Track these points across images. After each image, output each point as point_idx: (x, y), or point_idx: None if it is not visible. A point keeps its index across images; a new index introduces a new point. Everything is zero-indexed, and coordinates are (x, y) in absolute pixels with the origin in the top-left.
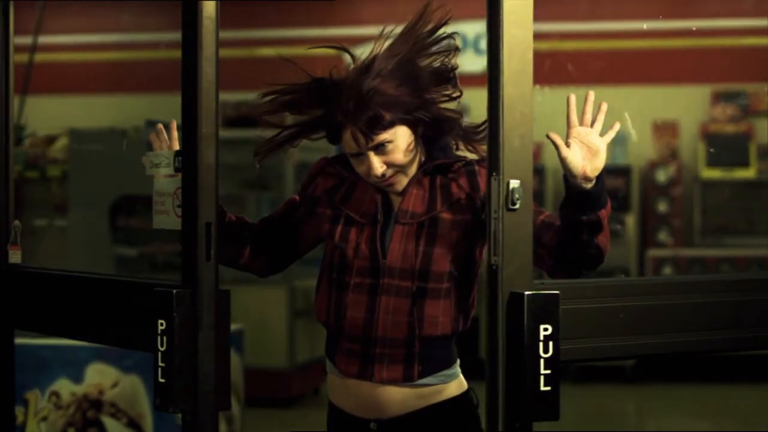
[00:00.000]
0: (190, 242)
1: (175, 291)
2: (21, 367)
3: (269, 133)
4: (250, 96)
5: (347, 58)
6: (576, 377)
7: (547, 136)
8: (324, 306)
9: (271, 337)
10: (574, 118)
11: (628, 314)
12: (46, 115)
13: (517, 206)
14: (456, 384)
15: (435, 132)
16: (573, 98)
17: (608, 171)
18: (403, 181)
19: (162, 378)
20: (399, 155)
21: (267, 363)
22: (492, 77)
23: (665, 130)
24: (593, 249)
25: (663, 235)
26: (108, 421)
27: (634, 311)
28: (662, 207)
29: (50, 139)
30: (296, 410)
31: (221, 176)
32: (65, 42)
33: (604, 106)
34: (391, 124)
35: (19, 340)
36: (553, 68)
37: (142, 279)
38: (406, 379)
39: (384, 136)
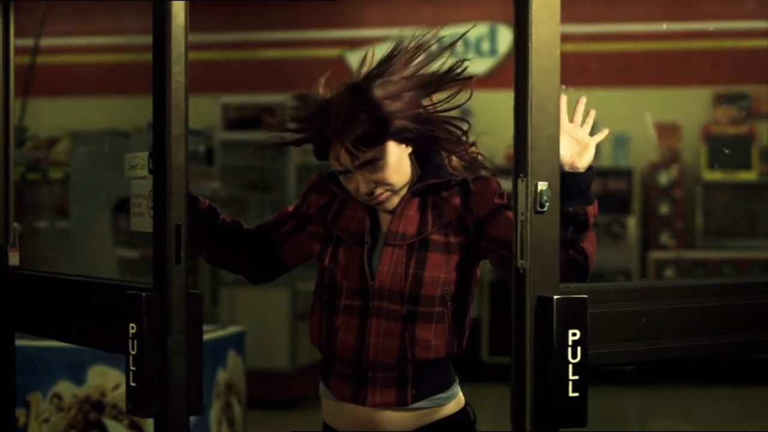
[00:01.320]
0: (161, 244)
1: (144, 294)
2: (22, 369)
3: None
4: (251, 98)
5: (349, 60)
6: None
7: None
8: (316, 328)
9: (272, 339)
10: (564, 117)
11: (650, 318)
12: (47, 118)
13: (545, 209)
14: (454, 403)
15: (429, 148)
16: (564, 99)
17: (610, 173)
18: (393, 200)
19: (133, 382)
20: (388, 173)
21: (269, 365)
22: (519, 77)
23: (667, 131)
24: (579, 254)
25: (665, 237)
26: (109, 423)
27: (657, 315)
28: (664, 209)
29: (52, 142)
30: (298, 412)
31: (225, 178)
32: (67, 44)
33: (593, 112)
34: (379, 141)
35: (20, 342)
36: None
37: (116, 281)
38: (399, 403)
39: (372, 153)
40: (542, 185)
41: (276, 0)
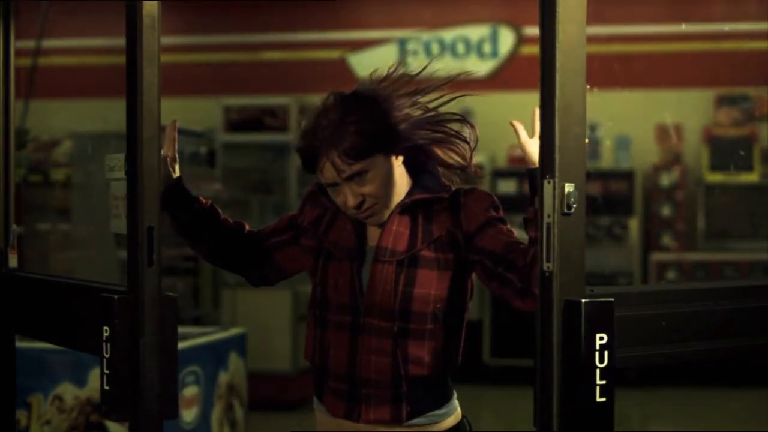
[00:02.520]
0: (134, 247)
1: (116, 297)
2: (24, 371)
3: (275, 137)
4: (253, 100)
5: (350, 62)
6: None
7: (511, 124)
8: (310, 344)
9: (274, 341)
10: (537, 127)
11: (671, 320)
12: (49, 119)
13: (572, 211)
14: (451, 419)
15: (421, 158)
16: (537, 111)
17: (611, 175)
18: (383, 214)
19: (107, 385)
20: (376, 186)
21: (270, 367)
22: (546, 77)
23: (669, 133)
24: None
25: (666, 239)
26: (111, 425)
27: (678, 317)
28: (666, 211)
29: (53, 143)
30: (299, 414)
31: (226, 180)
32: (68, 45)
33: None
34: (367, 154)
35: (21, 344)
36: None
37: (93, 283)
38: (394, 420)
39: (359, 166)
40: (569, 186)
41: (278, 2)
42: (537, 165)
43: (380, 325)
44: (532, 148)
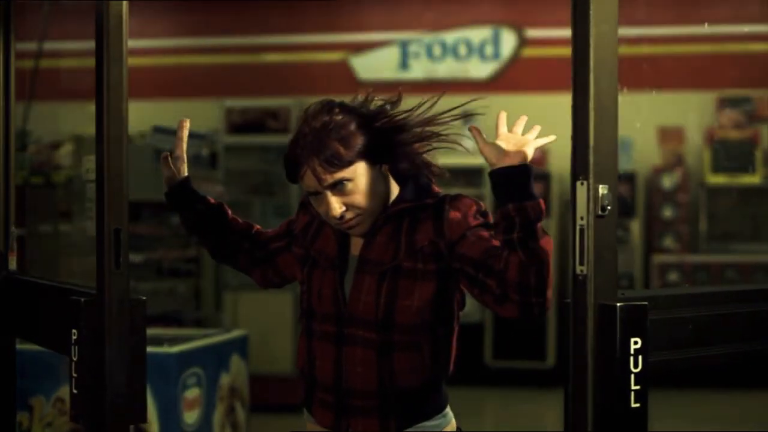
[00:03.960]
0: (100, 249)
1: (83, 300)
2: (26, 373)
3: (277, 139)
4: (255, 102)
5: (353, 64)
6: None
7: (469, 129)
8: (301, 353)
9: (276, 344)
10: (502, 130)
11: (698, 324)
12: (51, 121)
13: (606, 213)
14: (445, 430)
15: (406, 168)
16: (503, 115)
17: None
18: (365, 225)
19: (75, 389)
20: (359, 196)
21: (272, 369)
22: (579, 76)
23: (671, 135)
24: (531, 254)
25: (668, 241)
26: None
27: (706, 320)
28: (668, 213)
29: (55, 145)
30: (301, 416)
31: (228, 182)
32: (70, 48)
33: (525, 118)
34: (350, 162)
35: (22, 346)
36: (552, 74)
37: (67, 285)
38: None
39: (341, 174)
40: (603, 189)
41: (279, 3)
42: (497, 167)
43: (365, 336)
44: (491, 151)
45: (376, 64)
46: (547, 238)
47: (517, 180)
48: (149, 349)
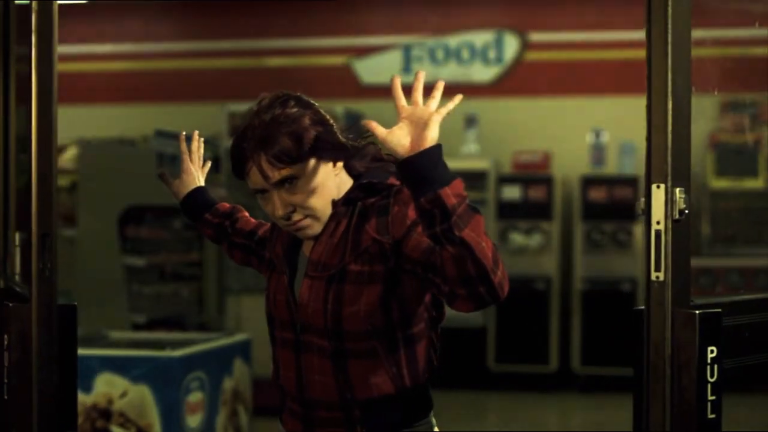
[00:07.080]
0: (27, 254)
1: (11, 305)
2: None
3: None
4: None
5: (356, 68)
6: (582, 387)
7: (363, 124)
8: (273, 361)
9: None
10: (401, 103)
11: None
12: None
13: (683, 217)
14: None
15: (362, 165)
16: (398, 80)
17: (615, 181)
18: (314, 227)
19: (6, 395)
20: (306, 196)
21: None
22: (655, 77)
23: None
24: (459, 245)
25: None
26: (117, 431)
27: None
28: None
29: (59, 149)
30: None
31: (231, 186)
32: (74, 52)
33: (441, 84)
34: (300, 159)
35: None
36: (555, 78)
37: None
38: None
39: (289, 171)
40: (681, 192)
41: (282, 7)
42: (404, 156)
43: (319, 344)
44: (396, 138)
45: (379, 68)
46: (475, 219)
47: (424, 169)
48: (152, 353)
